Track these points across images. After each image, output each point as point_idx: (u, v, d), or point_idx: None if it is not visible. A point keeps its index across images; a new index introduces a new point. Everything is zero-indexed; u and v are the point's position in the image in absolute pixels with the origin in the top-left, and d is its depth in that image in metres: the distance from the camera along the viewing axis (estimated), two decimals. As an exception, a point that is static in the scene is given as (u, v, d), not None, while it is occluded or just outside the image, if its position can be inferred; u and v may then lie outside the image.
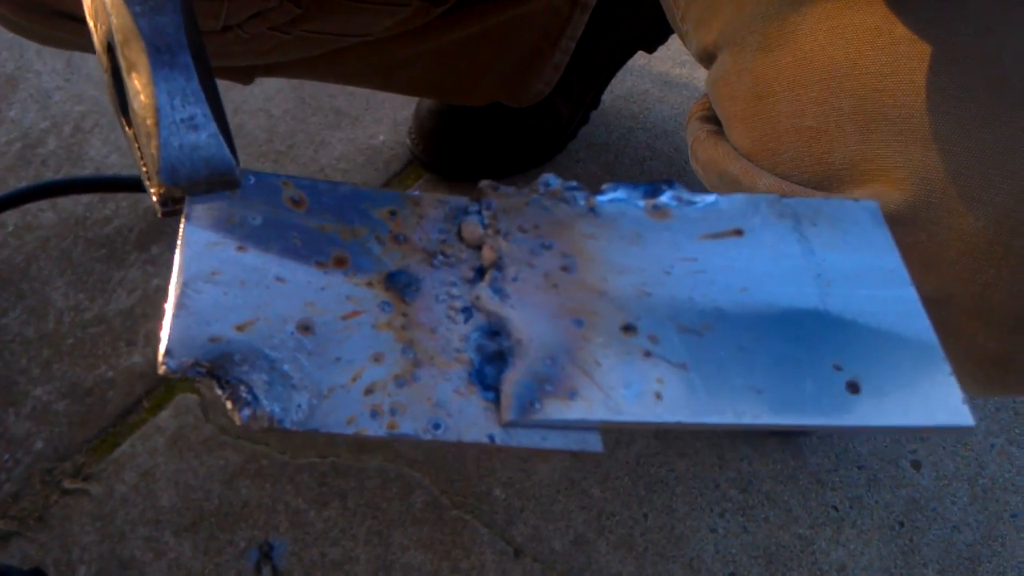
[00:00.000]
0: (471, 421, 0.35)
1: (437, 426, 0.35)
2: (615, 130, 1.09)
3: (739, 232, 0.39)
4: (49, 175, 1.00)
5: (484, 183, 0.40)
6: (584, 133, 1.07)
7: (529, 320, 0.36)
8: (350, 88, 1.07)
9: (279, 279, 0.36)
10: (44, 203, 0.97)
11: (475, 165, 1.01)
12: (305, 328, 0.35)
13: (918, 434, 0.77)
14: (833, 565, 0.79)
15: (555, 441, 0.35)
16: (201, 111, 0.35)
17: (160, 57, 0.35)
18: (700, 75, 1.15)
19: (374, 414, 0.34)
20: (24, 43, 1.13)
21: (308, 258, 0.36)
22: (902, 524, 0.82)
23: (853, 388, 0.35)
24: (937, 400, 0.36)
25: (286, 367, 0.34)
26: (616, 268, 0.38)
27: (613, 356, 0.36)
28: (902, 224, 0.44)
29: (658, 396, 0.35)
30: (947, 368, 0.36)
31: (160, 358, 0.32)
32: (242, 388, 0.32)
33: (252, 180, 0.37)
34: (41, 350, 0.87)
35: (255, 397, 0.32)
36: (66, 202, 0.98)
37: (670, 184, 0.39)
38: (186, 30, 0.35)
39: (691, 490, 0.82)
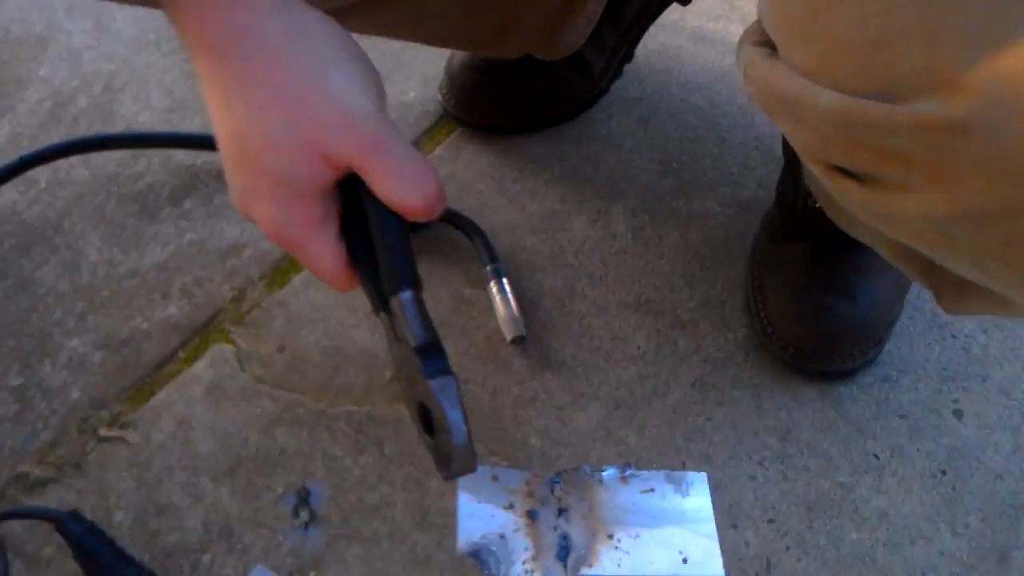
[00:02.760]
0: None
1: None
2: (648, 84, 1.08)
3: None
4: (80, 133, 1.00)
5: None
6: (617, 88, 1.06)
7: None
8: (379, 46, 1.06)
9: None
10: (76, 160, 0.97)
11: (507, 119, 1.00)
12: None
13: None
14: (874, 512, 0.78)
15: None
16: (462, 418, 0.52)
17: (441, 379, 0.52)
18: (735, 30, 1.14)
19: None
20: (53, 3, 1.13)
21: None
22: (944, 472, 0.81)
23: None
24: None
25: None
26: None
27: None
28: (968, 134, 0.43)
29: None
30: None
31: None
32: None
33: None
34: (76, 303, 0.88)
35: None
36: (98, 159, 0.98)
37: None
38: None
39: (729, 439, 0.82)
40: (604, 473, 0.61)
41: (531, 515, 0.60)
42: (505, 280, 0.88)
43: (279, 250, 0.92)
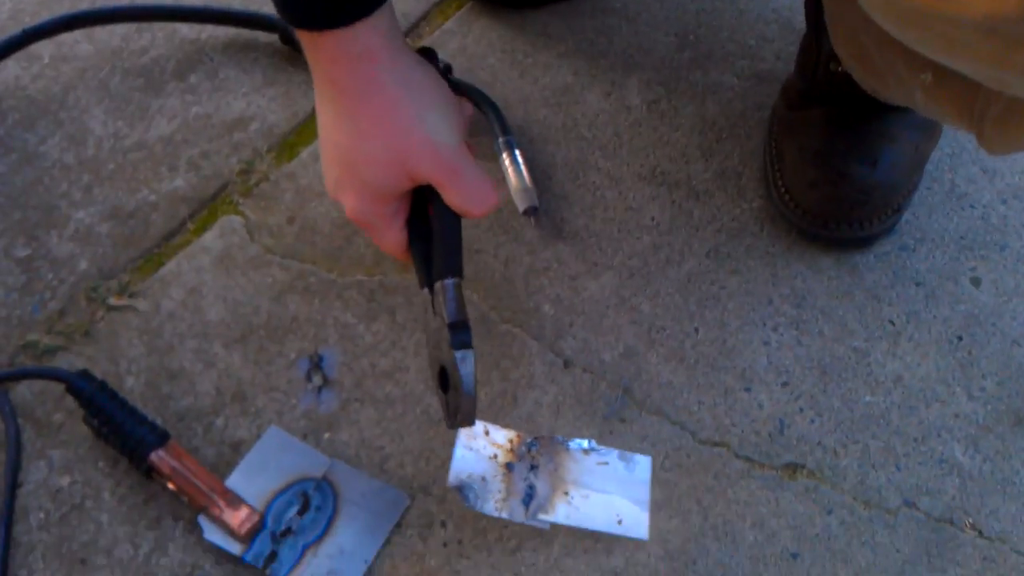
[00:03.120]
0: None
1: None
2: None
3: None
4: (83, 6, 0.98)
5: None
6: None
7: None
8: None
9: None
10: (79, 34, 0.95)
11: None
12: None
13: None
14: (889, 376, 0.78)
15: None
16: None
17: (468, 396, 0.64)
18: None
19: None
20: None
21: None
22: (960, 338, 0.80)
23: None
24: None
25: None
26: None
27: None
28: None
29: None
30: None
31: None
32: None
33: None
34: (81, 175, 0.86)
35: None
36: (102, 33, 0.96)
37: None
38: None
39: (743, 306, 0.81)
40: (571, 444, 0.72)
41: (508, 467, 0.70)
42: (518, 152, 0.86)
43: (287, 123, 0.90)
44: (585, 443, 0.73)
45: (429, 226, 0.68)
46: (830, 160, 0.80)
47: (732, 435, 0.75)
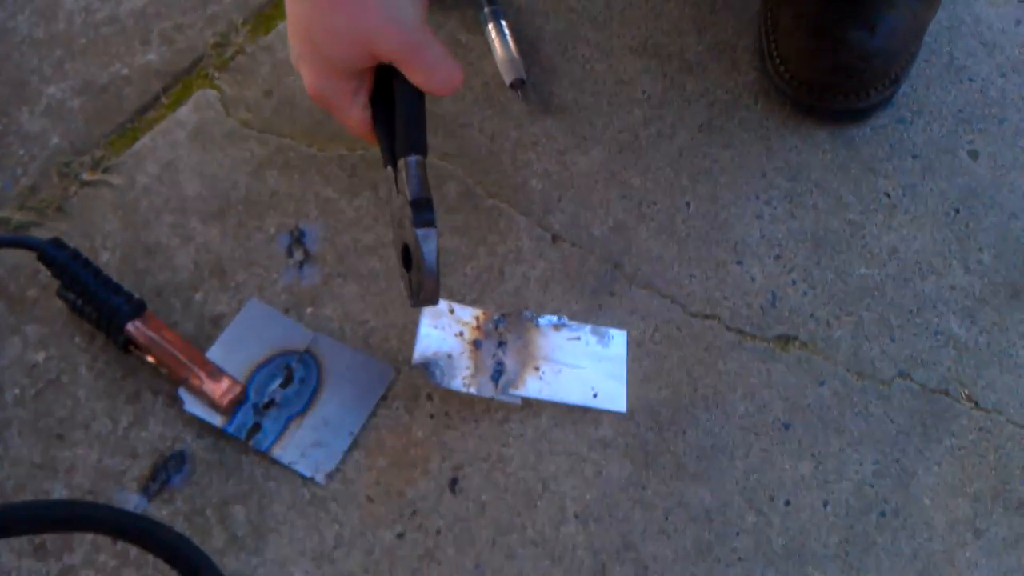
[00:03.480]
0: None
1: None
2: None
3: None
4: None
5: None
6: None
7: None
8: None
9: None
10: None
11: None
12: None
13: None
14: (884, 249, 0.76)
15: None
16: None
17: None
18: None
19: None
20: None
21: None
22: (957, 211, 0.79)
23: None
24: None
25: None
26: None
27: None
28: None
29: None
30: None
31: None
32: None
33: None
34: (53, 50, 0.83)
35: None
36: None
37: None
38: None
39: (736, 179, 0.79)
40: (541, 320, 0.70)
41: (476, 344, 0.68)
42: (504, 23, 0.83)
43: (263, -5, 0.87)
44: (555, 319, 0.71)
45: (393, 104, 0.66)
46: (827, 26, 0.78)
47: (723, 308, 0.73)
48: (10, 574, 0.62)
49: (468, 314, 0.70)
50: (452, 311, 0.70)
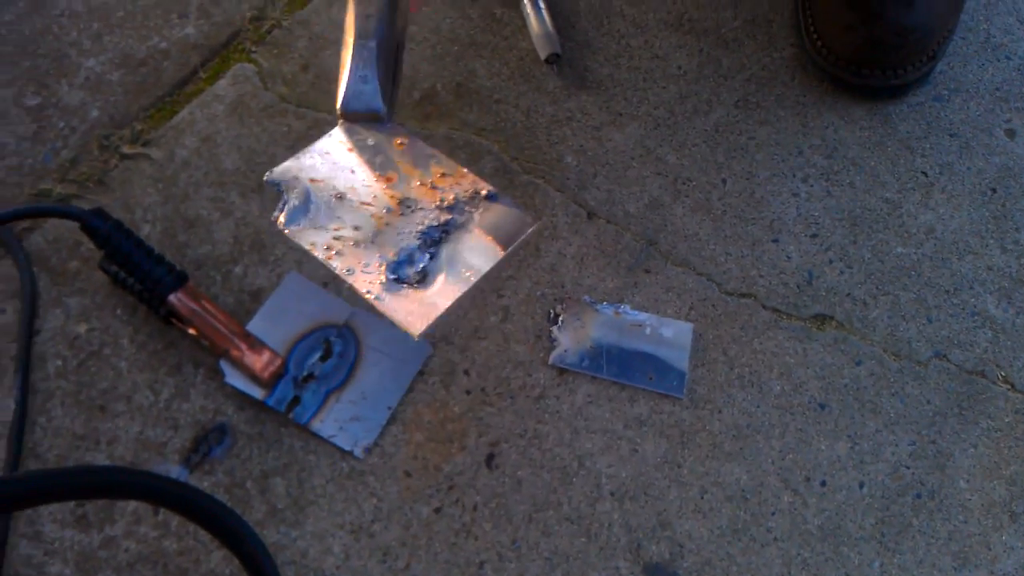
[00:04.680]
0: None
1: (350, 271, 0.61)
2: None
3: None
4: None
5: None
6: None
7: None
8: None
9: (352, 171, 0.65)
10: None
11: None
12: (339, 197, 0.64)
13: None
14: (921, 227, 0.76)
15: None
16: (371, 73, 0.64)
17: (359, 42, 0.64)
18: None
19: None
20: None
21: (376, 169, 0.65)
22: (994, 190, 0.78)
23: None
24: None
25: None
26: None
27: None
28: None
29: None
30: None
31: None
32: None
33: (387, 124, 0.66)
34: (91, 23, 0.84)
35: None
36: None
37: None
38: (384, 29, 0.65)
39: (773, 156, 0.79)
40: (599, 306, 0.70)
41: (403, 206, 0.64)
42: (539, -3, 0.83)
43: (299, -32, 0.87)
44: (616, 306, 0.72)
45: None
46: (865, 1, 0.77)
47: (759, 286, 0.73)
48: (53, 543, 0.62)
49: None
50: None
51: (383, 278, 0.61)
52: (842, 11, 0.78)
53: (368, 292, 0.60)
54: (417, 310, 0.59)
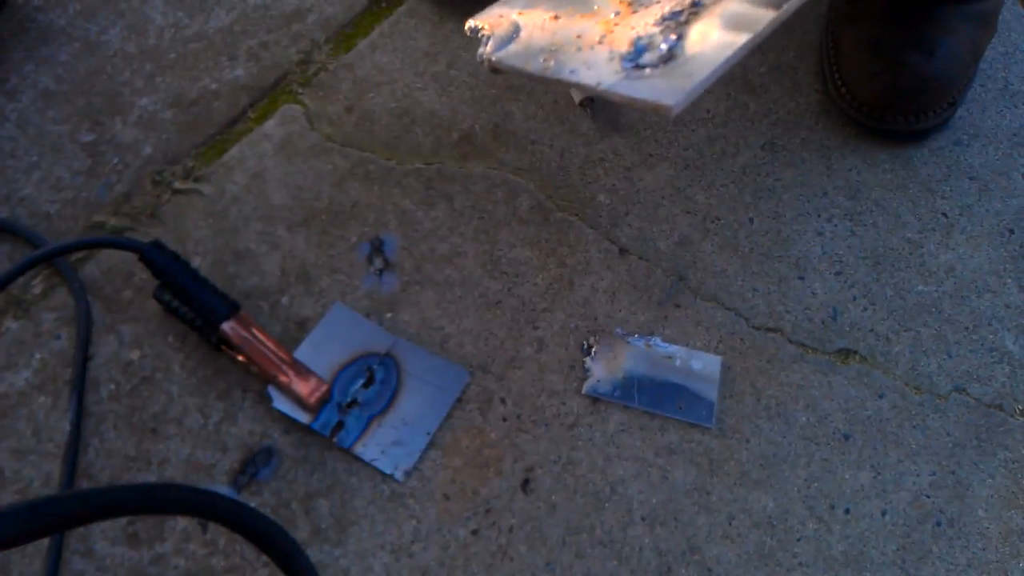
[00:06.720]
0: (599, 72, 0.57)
1: (572, 71, 0.58)
2: None
3: None
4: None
5: None
6: None
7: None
8: None
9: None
10: (136, -74, 0.96)
11: None
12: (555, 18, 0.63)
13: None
14: (941, 266, 0.79)
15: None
16: None
17: None
18: None
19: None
20: None
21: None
22: (1012, 231, 0.81)
23: None
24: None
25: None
26: None
27: None
28: None
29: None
30: None
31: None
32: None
33: None
34: (144, 64, 0.88)
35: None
36: (158, -75, 0.96)
37: None
38: None
39: (798, 197, 0.82)
40: (631, 338, 0.73)
41: None
42: (572, 43, 0.86)
43: (344, 14, 0.91)
44: (647, 338, 0.74)
45: None
46: (888, 49, 0.80)
47: (786, 321, 0.76)
48: (104, 560, 0.65)
49: None
50: None
51: (617, 67, 0.56)
52: (865, 58, 0.81)
53: (599, 84, 0.56)
54: (667, 85, 0.53)
